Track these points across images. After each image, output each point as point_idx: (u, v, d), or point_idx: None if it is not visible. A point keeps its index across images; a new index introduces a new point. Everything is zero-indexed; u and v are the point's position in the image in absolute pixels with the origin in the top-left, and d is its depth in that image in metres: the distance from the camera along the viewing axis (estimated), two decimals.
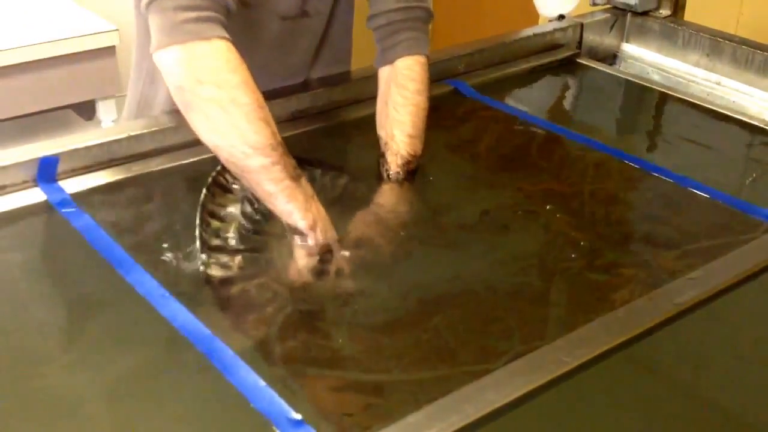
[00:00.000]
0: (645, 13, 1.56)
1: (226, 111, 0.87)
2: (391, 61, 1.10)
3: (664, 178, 1.12)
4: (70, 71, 2.18)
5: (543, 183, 1.12)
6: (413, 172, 1.07)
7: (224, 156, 0.89)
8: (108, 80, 2.26)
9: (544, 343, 0.77)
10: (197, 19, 0.89)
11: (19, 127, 2.46)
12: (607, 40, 1.58)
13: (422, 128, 1.08)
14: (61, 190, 1.00)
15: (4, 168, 0.99)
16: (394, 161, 1.06)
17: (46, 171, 1.00)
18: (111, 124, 2.31)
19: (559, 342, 0.76)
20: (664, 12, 1.56)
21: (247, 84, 0.89)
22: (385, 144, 1.07)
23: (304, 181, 0.91)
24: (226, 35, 0.91)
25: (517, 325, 0.83)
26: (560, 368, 0.72)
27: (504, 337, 0.81)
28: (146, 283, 0.84)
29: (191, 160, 1.08)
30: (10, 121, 2.34)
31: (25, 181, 1.00)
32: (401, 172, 1.06)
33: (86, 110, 2.36)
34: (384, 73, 1.11)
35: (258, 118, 0.88)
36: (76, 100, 2.27)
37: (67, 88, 2.22)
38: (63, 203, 0.98)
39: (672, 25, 1.53)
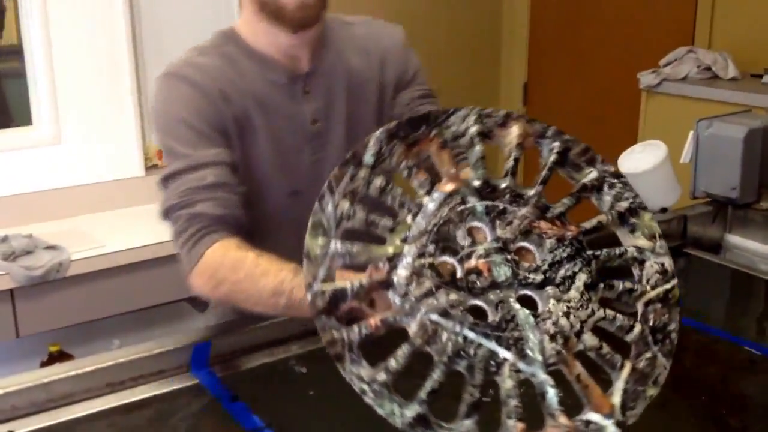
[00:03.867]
0: (746, 206, 1.62)
1: (244, 293, 1.05)
2: None
3: None
4: None
5: None
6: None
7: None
8: None
9: None
10: (190, 239, 1.11)
11: (135, 319, 2.60)
12: (710, 231, 1.63)
13: None
14: (212, 374, 1.08)
15: (163, 354, 1.08)
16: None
17: (200, 356, 1.09)
18: None
19: None
20: (765, 204, 1.62)
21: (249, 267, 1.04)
22: None
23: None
24: (218, 236, 1.09)
25: None
26: None
27: None
28: None
29: None
30: (128, 315, 2.49)
31: (180, 366, 1.08)
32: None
33: (201, 303, 2.48)
34: None
35: (264, 287, 1.01)
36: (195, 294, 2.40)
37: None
38: (214, 386, 1.05)
39: None
